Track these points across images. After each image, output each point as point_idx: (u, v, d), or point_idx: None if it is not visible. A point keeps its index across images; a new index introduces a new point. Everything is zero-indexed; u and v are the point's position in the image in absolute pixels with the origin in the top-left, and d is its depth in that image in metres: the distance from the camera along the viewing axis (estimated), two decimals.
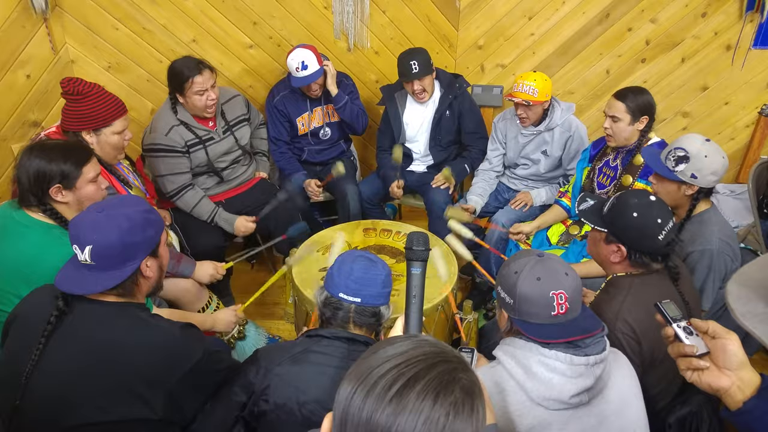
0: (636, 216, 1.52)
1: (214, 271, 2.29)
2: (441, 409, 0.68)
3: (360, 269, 1.42)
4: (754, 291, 0.91)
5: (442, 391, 0.70)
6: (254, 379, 1.38)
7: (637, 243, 1.55)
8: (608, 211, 1.60)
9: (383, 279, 1.43)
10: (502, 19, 3.23)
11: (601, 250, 1.65)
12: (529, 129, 2.73)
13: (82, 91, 2.01)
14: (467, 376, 0.73)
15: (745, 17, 3.12)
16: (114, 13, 2.90)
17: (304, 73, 2.74)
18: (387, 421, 0.68)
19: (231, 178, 2.80)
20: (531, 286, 1.23)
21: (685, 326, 1.06)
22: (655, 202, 1.56)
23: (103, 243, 1.28)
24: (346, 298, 1.40)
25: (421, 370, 0.71)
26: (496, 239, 2.74)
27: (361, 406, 0.70)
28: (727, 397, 0.99)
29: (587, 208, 1.69)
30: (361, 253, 1.47)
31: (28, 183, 1.69)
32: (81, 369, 1.26)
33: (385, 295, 1.44)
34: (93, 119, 2.03)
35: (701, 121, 3.49)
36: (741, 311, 0.89)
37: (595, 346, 1.23)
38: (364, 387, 0.71)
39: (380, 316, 1.44)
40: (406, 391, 0.69)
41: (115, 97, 2.10)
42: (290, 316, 2.74)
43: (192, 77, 2.42)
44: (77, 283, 1.29)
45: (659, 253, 1.56)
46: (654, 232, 1.51)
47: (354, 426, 0.70)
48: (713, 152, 1.85)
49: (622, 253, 1.58)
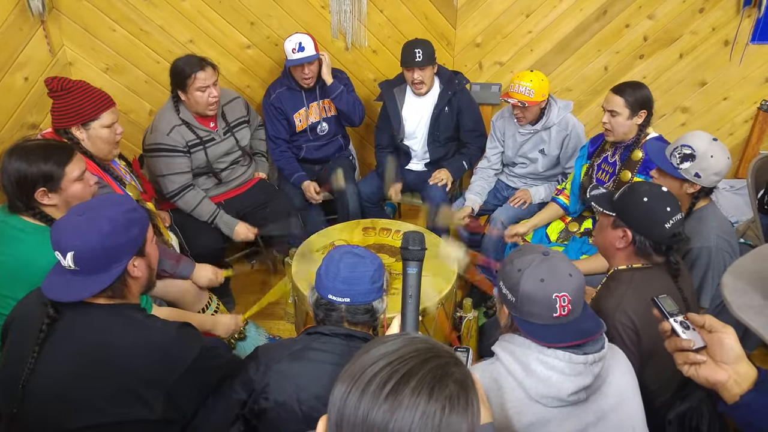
0: (646, 200, 1.54)
1: (213, 276, 2.28)
2: (437, 404, 0.69)
3: (346, 268, 1.39)
4: (749, 283, 0.90)
5: (437, 385, 0.70)
6: (254, 377, 1.38)
7: (643, 228, 1.55)
8: (619, 197, 1.61)
9: (371, 275, 1.40)
10: (500, 17, 3.23)
11: (606, 236, 1.64)
12: (527, 128, 2.73)
13: (66, 86, 2.00)
14: (460, 370, 0.74)
15: (742, 12, 3.12)
16: (111, 14, 2.90)
17: (299, 55, 2.76)
18: (384, 418, 0.68)
19: (230, 179, 2.80)
20: (534, 286, 1.21)
21: (682, 321, 1.06)
22: (666, 193, 1.58)
23: (85, 248, 1.25)
24: (335, 300, 1.38)
25: (414, 366, 0.71)
26: (494, 242, 2.74)
27: (356, 405, 0.70)
28: (725, 391, 0.99)
29: (599, 194, 1.71)
30: (349, 249, 1.43)
31: (12, 189, 1.66)
32: (78, 372, 1.26)
33: (375, 291, 1.41)
34: (80, 113, 2.02)
35: (700, 117, 3.48)
36: (737, 304, 0.89)
37: (594, 344, 1.22)
38: (358, 386, 0.71)
39: (374, 311, 1.42)
40: (401, 388, 0.69)
41: (100, 91, 2.09)
42: (290, 316, 2.75)
43: (194, 73, 2.43)
44: (64, 290, 1.27)
45: (664, 242, 1.55)
46: (662, 218, 1.52)
47: (350, 426, 0.70)
48: (719, 153, 1.85)
49: (627, 239, 1.57)
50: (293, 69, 2.87)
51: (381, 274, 1.44)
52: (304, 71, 2.84)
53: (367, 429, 0.69)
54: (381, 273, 1.44)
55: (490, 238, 2.75)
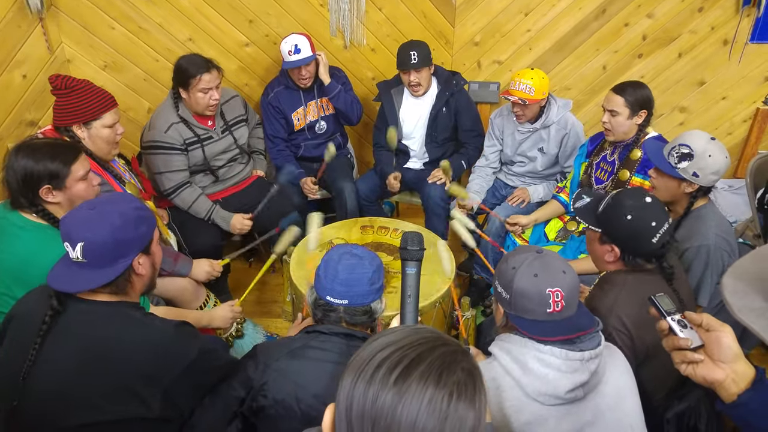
0: (630, 219, 1.51)
1: (210, 268, 2.29)
2: (444, 389, 0.69)
3: (345, 270, 1.38)
4: (749, 285, 0.90)
5: (445, 371, 0.70)
6: (253, 375, 1.38)
7: (630, 246, 1.54)
8: (603, 211, 1.59)
9: (370, 276, 1.39)
10: (498, 16, 3.22)
11: (595, 249, 1.65)
12: (526, 126, 2.73)
13: (70, 85, 2.01)
14: (467, 360, 0.74)
15: (741, 11, 3.12)
16: (110, 12, 2.89)
17: (296, 57, 2.76)
18: (392, 402, 0.68)
19: (227, 177, 2.79)
20: (527, 282, 1.22)
21: (680, 319, 1.06)
22: (650, 204, 1.53)
23: (95, 240, 1.27)
24: (333, 301, 1.39)
25: (423, 352, 0.71)
26: (495, 231, 2.74)
27: (364, 392, 0.70)
28: (722, 390, 0.99)
29: (582, 207, 1.68)
30: (348, 249, 1.43)
31: (17, 185, 1.68)
32: (78, 369, 1.26)
33: (374, 292, 1.41)
34: (83, 112, 2.03)
35: (699, 116, 3.48)
36: (738, 306, 0.88)
37: (590, 341, 1.23)
38: (366, 373, 0.71)
39: (372, 313, 1.42)
40: (410, 372, 0.69)
41: (104, 91, 2.10)
42: (288, 314, 2.75)
43: (200, 74, 2.44)
44: (69, 280, 1.28)
45: (653, 255, 1.55)
46: (648, 234, 1.50)
47: (359, 413, 0.70)
48: (717, 152, 1.84)
49: (615, 254, 1.57)
50: (290, 70, 2.87)
51: (380, 276, 1.44)
52: (300, 73, 2.84)
53: (375, 415, 0.69)
54: (380, 274, 1.44)
55: (494, 222, 2.76)
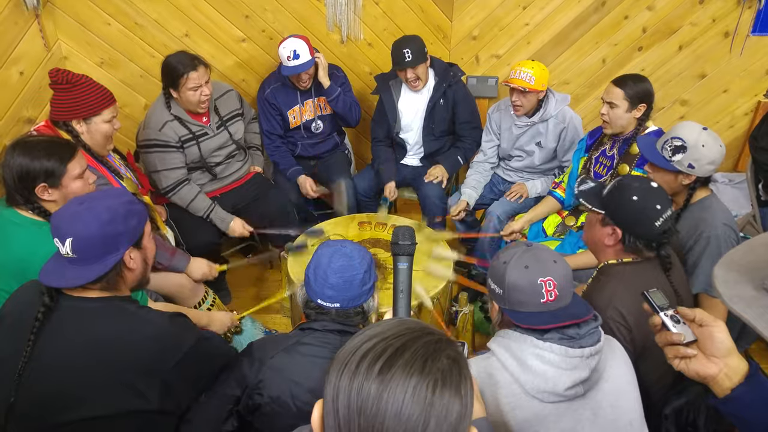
0: (635, 199, 1.51)
1: (207, 270, 2.29)
2: (429, 376, 0.68)
3: (335, 273, 1.37)
4: (741, 273, 0.89)
5: (430, 359, 0.70)
6: (248, 372, 1.38)
7: (632, 226, 1.53)
8: (608, 193, 1.58)
9: (361, 278, 1.39)
10: (496, 9, 3.20)
11: (595, 232, 1.63)
12: (523, 120, 2.71)
13: (71, 80, 2.01)
14: (452, 348, 0.74)
15: (743, 3, 3.09)
16: (106, 8, 2.88)
17: (295, 63, 2.73)
18: (377, 391, 0.68)
19: (225, 174, 2.78)
20: (519, 274, 1.22)
21: (672, 314, 1.05)
22: (656, 189, 1.54)
23: (83, 235, 1.27)
24: (325, 305, 1.39)
25: (407, 342, 0.71)
26: (493, 227, 2.73)
27: (349, 384, 0.69)
28: (715, 385, 0.99)
29: (587, 189, 1.67)
30: (337, 248, 1.41)
31: (13, 183, 1.68)
32: (74, 364, 1.26)
33: (365, 294, 1.41)
34: (83, 108, 2.03)
35: (700, 110, 3.46)
36: (728, 295, 0.87)
37: (589, 337, 1.22)
38: (350, 365, 0.70)
39: (365, 312, 1.43)
40: (394, 361, 0.69)
41: (103, 87, 2.10)
42: (287, 310, 2.75)
43: (187, 73, 2.41)
44: (59, 276, 1.29)
45: (654, 240, 1.54)
46: (651, 216, 1.50)
47: (345, 405, 0.70)
48: (711, 141, 1.83)
49: (616, 236, 1.56)
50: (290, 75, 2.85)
51: (371, 275, 1.43)
52: (300, 77, 2.82)
53: (360, 406, 0.68)
54: (371, 274, 1.43)
55: (484, 241, 2.73)
